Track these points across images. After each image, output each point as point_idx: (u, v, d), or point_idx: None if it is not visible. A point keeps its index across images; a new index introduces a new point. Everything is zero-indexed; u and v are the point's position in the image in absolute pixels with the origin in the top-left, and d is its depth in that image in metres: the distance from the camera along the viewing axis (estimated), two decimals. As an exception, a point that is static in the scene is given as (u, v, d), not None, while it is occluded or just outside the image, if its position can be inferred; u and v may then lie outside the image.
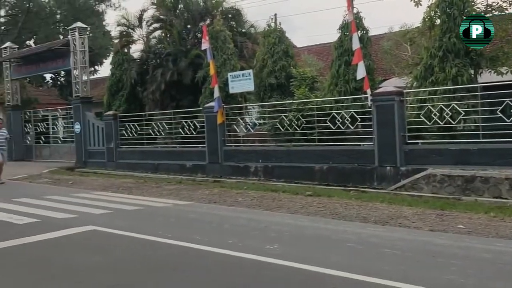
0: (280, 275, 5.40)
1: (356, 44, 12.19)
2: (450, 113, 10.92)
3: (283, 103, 14.48)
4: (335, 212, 9.31)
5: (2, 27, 37.50)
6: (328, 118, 13.03)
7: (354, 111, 12.65)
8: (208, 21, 19.22)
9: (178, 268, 5.69)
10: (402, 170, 11.53)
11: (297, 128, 13.62)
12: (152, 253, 6.40)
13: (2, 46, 26.94)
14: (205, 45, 15.25)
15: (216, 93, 15.00)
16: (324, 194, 11.24)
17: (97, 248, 6.76)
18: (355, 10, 13.36)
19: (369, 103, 12.20)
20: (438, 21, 11.79)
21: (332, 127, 12.97)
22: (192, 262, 5.94)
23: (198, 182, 14.60)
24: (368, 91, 12.17)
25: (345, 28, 13.83)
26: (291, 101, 14.15)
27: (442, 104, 11.03)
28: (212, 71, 15.22)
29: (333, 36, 15.94)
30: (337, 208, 9.72)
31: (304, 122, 13.49)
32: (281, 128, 14.00)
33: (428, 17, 11.97)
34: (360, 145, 12.80)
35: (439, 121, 11.09)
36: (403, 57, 15.31)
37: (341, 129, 12.88)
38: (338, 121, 12.84)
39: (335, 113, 12.96)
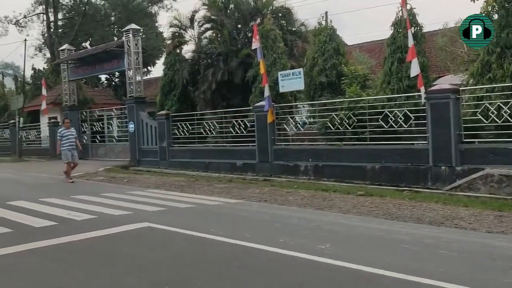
0: (333, 275, 5.37)
1: (411, 41, 11.93)
2: (509, 111, 10.53)
3: (334, 102, 14.37)
4: (388, 212, 9.16)
5: (60, 30, 38.88)
6: (381, 116, 12.83)
7: (407, 109, 12.40)
8: (258, 21, 19.33)
9: (231, 265, 5.76)
10: (458, 170, 11.21)
11: (348, 127, 13.48)
12: (205, 250, 6.50)
13: (60, 48, 28.02)
14: (255, 44, 15.32)
15: (266, 92, 15.03)
16: (376, 194, 11.08)
17: (152, 244, 6.93)
18: (408, 6, 13.10)
19: (423, 101, 11.93)
20: (495, 16, 11.38)
21: (385, 125, 12.75)
22: (245, 260, 5.99)
23: (248, 180, 14.69)
24: (422, 88, 11.90)
25: (398, 25, 13.60)
26: (342, 100, 14.03)
27: (500, 102, 10.65)
28: (262, 70, 15.27)
29: (385, 33, 15.67)
30: (390, 208, 9.57)
31: (356, 120, 13.34)
32: (332, 127, 13.89)
33: (485, 12, 11.58)
34: (413, 144, 12.54)
35: (496, 120, 10.72)
36: (458, 54, 14.90)
37: (394, 127, 12.65)
38: (391, 119, 12.62)
39: (388, 111, 12.74)
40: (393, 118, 12.63)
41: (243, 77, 18.14)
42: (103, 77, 38.71)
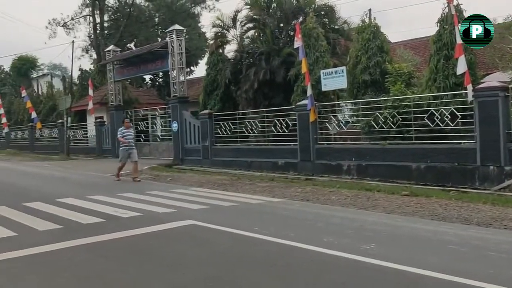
0: (377, 275, 5.30)
1: (458, 38, 11.61)
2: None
3: (378, 100, 14.16)
4: (434, 213, 8.98)
5: (106, 31, 39.82)
6: (426, 115, 12.57)
7: (454, 108, 12.11)
8: (300, 19, 19.26)
9: (275, 264, 5.77)
10: (507, 170, 10.89)
11: (393, 126, 13.27)
12: (249, 249, 6.54)
13: (106, 49, 28.71)
14: (297, 43, 15.28)
15: (309, 91, 14.98)
16: (421, 194, 10.87)
17: (197, 242, 7.02)
18: (455, 2, 12.77)
19: (471, 99, 11.62)
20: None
21: (430, 124, 12.49)
22: (289, 259, 5.98)
23: (290, 179, 14.66)
24: (469, 86, 11.59)
25: (444, 21, 13.27)
26: (386, 98, 13.82)
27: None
28: (304, 69, 15.21)
29: (430, 30, 15.23)
30: (436, 208, 9.37)
31: (400, 119, 13.12)
32: (376, 126, 13.71)
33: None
34: (460, 143, 12.24)
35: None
36: (507, 51, 14.42)
37: (440, 126, 12.38)
38: (437, 118, 12.36)
39: (434, 109, 12.48)
40: (439, 117, 12.36)
41: (285, 76, 18.11)
42: (147, 77, 39.46)
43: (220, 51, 21.78)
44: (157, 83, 40.46)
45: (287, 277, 5.31)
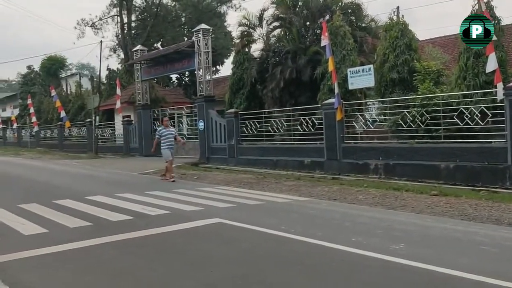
0: (407, 276, 5.24)
1: (490, 35, 11.36)
2: None
3: (406, 99, 13.99)
4: (464, 213, 8.83)
5: (133, 31, 40.27)
6: (455, 113, 12.35)
7: (484, 106, 11.87)
8: (327, 17, 19.14)
9: (303, 263, 5.75)
10: (540, 169, 10.62)
11: (421, 125, 13.08)
12: (277, 247, 6.53)
13: (134, 49, 29.03)
14: (324, 41, 15.19)
15: (336, 90, 14.88)
16: (451, 194, 10.71)
17: (224, 240, 7.04)
18: (485, -1, 12.53)
19: (501, 97, 11.39)
20: None
21: (460, 123, 12.27)
22: (317, 258, 5.96)
23: (316, 178, 14.59)
24: (500, 84, 11.37)
25: (474, 18, 13.00)
26: (414, 96, 13.64)
27: None
28: (331, 67, 15.11)
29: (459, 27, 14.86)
30: (466, 208, 9.21)
31: (429, 118, 12.92)
32: (403, 125, 13.54)
33: None
34: (491, 142, 12.00)
35: None
36: (540, 47, 14.07)
37: (470, 125, 12.15)
38: (467, 116, 12.14)
39: (463, 108, 12.26)
40: (469, 115, 12.13)
41: (312, 75, 18.03)
42: (173, 76, 39.80)
43: (246, 50, 21.79)
44: (183, 82, 40.75)
45: (316, 276, 5.29)
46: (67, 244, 6.74)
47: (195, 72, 22.70)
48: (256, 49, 21.99)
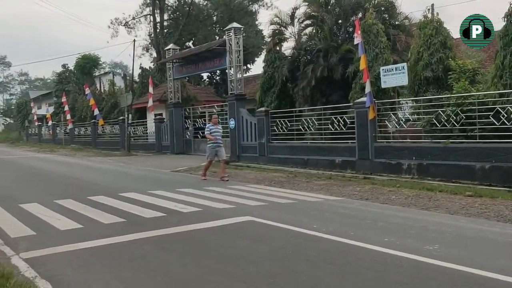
0: (442, 277, 5.16)
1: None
2: None
3: (440, 97, 13.75)
4: (500, 215, 8.63)
5: (165, 30, 40.68)
6: (492, 113, 12.07)
7: (521, 105, 11.56)
8: (360, 15, 18.95)
9: (335, 262, 5.71)
10: None
11: (456, 124, 12.83)
12: (309, 246, 6.51)
13: (166, 48, 29.33)
14: (357, 39, 15.05)
15: (368, 88, 14.72)
16: (486, 195, 10.47)
17: (256, 238, 7.05)
18: (524, -5, 12.20)
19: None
20: None
21: (496, 122, 11.98)
22: (349, 257, 5.91)
23: (347, 178, 14.47)
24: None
25: (511, 15, 12.68)
26: (449, 95, 13.39)
27: None
28: (363, 65, 14.96)
29: (496, 25, 14.46)
30: (502, 210, 9.00)
31: (464, 117, 12.67)
32: (438, 124, 13.30)
33: None
34: (529, 142, 11.68)
35: None
36: None
37: (506, 125, 11.84)
38: (503, 116, 11.84)
39: (500, 107, 11.97)
40: (506, 115, 11.83)
41: (343, 73, 17.89)
42: (204, 75, 40.04)
43: (278, 48, 21.75)
44: (214, 80, 40.98)
45: (348, 275, 5.25)
46: (102, 240, 6.87)
47: (226, 70, 22.77)
48: (287, 47, 21.96)
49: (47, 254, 6.29)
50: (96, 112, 34.25)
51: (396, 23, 19.80)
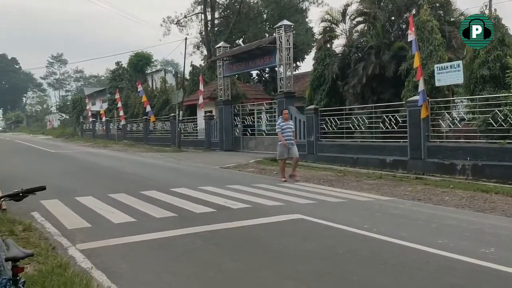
0: (498, 281, 5.02)
1: None
2: None
3: (497, 96, 13.27)
4: (561, 219, 8.27)
5: (216, 28, 41.08)
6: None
7: None
8: (414, 12, 18.54)
9: (386, 263, 5.62)
10: None
11: (513, 124, 12.37)
12: (359, 246, 6.43)
13: (216, 46, 29.61)
14: (410, 36, 14.75)
15: (421, 86, 14.40)
16: (545, 198, 10.06)
17: (306, 236, 7.03)
18: None
19: None
20: None
21: (558, 123, 11.48)
22: (401, 258, 5.80)
23: (399, 178, 14.21)
24: None
25: None
26: (507, 94, 12.90)
27: None
28: (417, 63, 14.64)
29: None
30: None
31: (522, 117, 12.19)
32: (494, 124, 12.87)
33: None
34: None
35: None
36: None
37: None
38: None
39: (562, 107, 11.45)
40: None
41: (396, 71, 17.53)
42: (254, 72, 40.15)
43: (328, 46, 21.55)
44: (263, 78, 41.04)
45: (400, 276, 5.16)
46: (154, 234, 7.02)
47: (276, 68, 22.79)
48: (338, 44, 21.74)
49: (102, 246, 6.49)
50: (148, 108, 34.96)
51: (452, 19, 19.23)
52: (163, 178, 14.28)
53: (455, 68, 14.10)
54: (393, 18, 19.80)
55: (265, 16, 42.16)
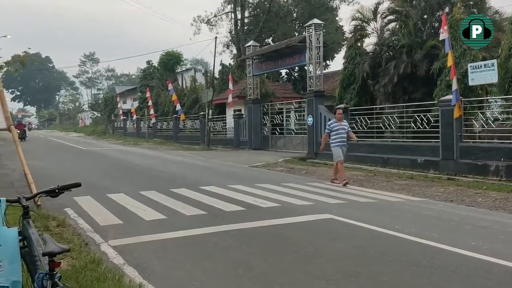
0: (536, 286, 4.88)
1: None
2: None
3: (533, 96, 12.95)
4: None
5: (245, 27, 41.13)
6: None
7: None
8: (447, 10, 18.23)
9: (418, 265, 5.53)
10: None
11: (551, 125, 12.03)
12: (390, 247, 6.35)
13: (246, 45, 29.67)
14: (443, 35, 14.48)
15: (454, 86, 14.15)
16: None
17: (336, 236, 6.98)
18: None
19: None
20: None
21: None
22: (434, 260, 5.70)
23: (430, 178, 13.99)
24: None
25: None
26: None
27: None
28: (450, 62, 14.38)
29: None
30: None
31: (560, 117, 11.86)
32: (530, 124, 12.54)
33: None
34: None
35: None
36: None
37: None
38: None
39: None
40: None
41: (428, 70, 17.29)
42: (283, 71, 40.08)
43: (359, 44, 21.39)
44: (292, 77, 40.93)
45: (433, 278, 5.07)
46: (184, 231, 7.09)
47: (305, 67, 22.70)
48: (369, 43, 21.59)
49: (134, 242, 6.58)
50: (178, 107, 35.26)
51: (486, 17, 18.85)
52: (193, 176, 14.39)
53: (489, 67, 13.78)
54: (425, 16, 19.54)
55: (295, 14, 42.02)
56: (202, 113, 32.41)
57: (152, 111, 41.59)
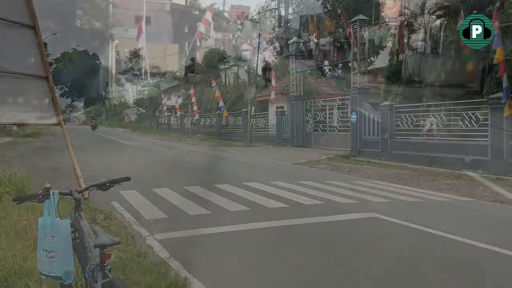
0: None
1: None
2: None
3: None
4: None
5: (289, 24, 41.02)
6: None
7: None
8: (497, 5, 17.63)
9: (467, 267, 5.41)
10: None
11: None
12: (437, 247, 6.23)
13: (289, 41, 29.56)
14: (494, 31, 14.01)
15: (504, 83, 13.71)
16: None
17: (381, 235, 6.90)
18: None
19: None
20: None
21: None
22: (481, 262, 5.56)
23: (478, 178, 13.59)
24: None
25: None
26: None
27: None
28: (500, 58, 13.93)
29: None
30: None
31: None
32: None
33: None
34: None
35: None
36: None
37: None
38: None
39: None
40: None
41: (477, 67, 16.78)
42: (326, 68, 39.72)
43: (405, 40, 20.96)
44: (336, 74, 40.51)
45: (480, 281, 4.95)
46: (228, 226, 7.14)
47: (349, 63, 22.43)
48: (415, 39, 21.07)
49: (179, 236, 6.67)
50: (221, 104, 35.51)
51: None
52: (236, 172, 14.46)
53: (543, 63, 13.29)
54: (474, 11, 18.92)
55: (339, 10, 41.52)
56: (244, 109, 32.52)
57: (195, 108, 42.01)
